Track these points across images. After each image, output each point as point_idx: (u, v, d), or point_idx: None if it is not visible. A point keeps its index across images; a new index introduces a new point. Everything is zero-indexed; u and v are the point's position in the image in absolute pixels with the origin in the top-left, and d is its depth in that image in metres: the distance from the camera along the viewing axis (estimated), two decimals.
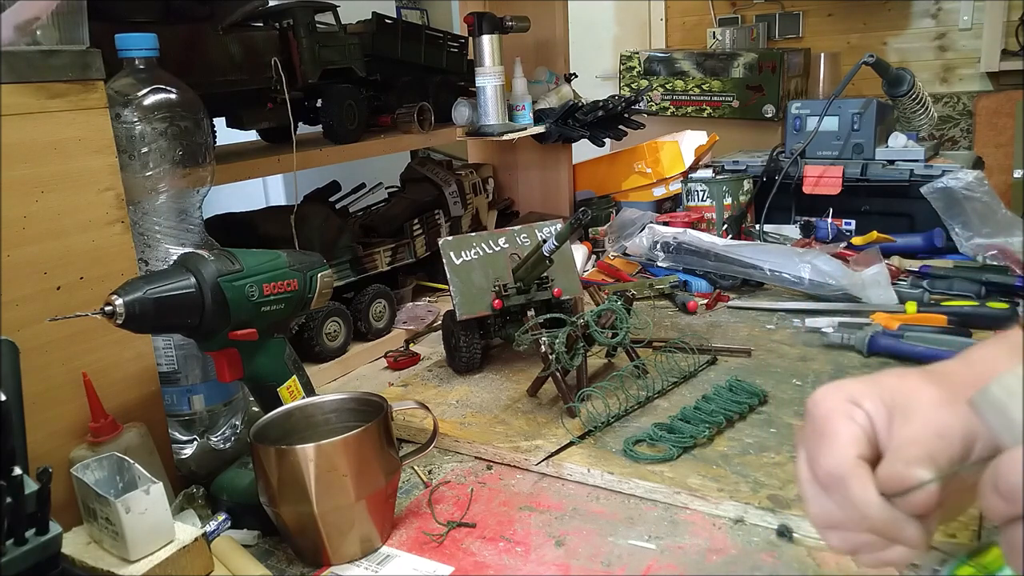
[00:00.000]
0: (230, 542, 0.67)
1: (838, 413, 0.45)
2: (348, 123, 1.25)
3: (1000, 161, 2.96)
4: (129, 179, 0.72)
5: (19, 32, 0.63)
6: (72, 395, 0.67)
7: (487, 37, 1.29)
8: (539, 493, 0.75)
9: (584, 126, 1.47)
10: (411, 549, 0.67)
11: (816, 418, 0.46)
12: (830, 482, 0.43)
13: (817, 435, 0.45)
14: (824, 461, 0.44)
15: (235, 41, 1.06)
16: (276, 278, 0.72)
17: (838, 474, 0.43)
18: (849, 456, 0.43)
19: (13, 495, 0.49)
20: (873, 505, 0.42)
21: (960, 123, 3.21)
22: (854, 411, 0.45)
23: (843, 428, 0.44)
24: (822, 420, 0.45)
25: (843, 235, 1.44)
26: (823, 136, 1.48)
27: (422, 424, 0.89)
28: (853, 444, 0.43)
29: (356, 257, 1.20)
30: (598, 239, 1.59)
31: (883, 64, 1.47)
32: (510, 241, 1.05)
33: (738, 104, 2.27)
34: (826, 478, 0.44)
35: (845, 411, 0.45)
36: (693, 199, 1.45)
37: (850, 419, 0.44)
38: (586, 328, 0.90)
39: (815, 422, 0.46)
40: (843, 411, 0.45)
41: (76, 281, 0.67)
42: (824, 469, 0.44)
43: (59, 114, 0.65)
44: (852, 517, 0.43)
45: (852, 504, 0.42)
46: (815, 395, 0.47)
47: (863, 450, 0.43)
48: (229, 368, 0.71)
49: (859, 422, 0.44)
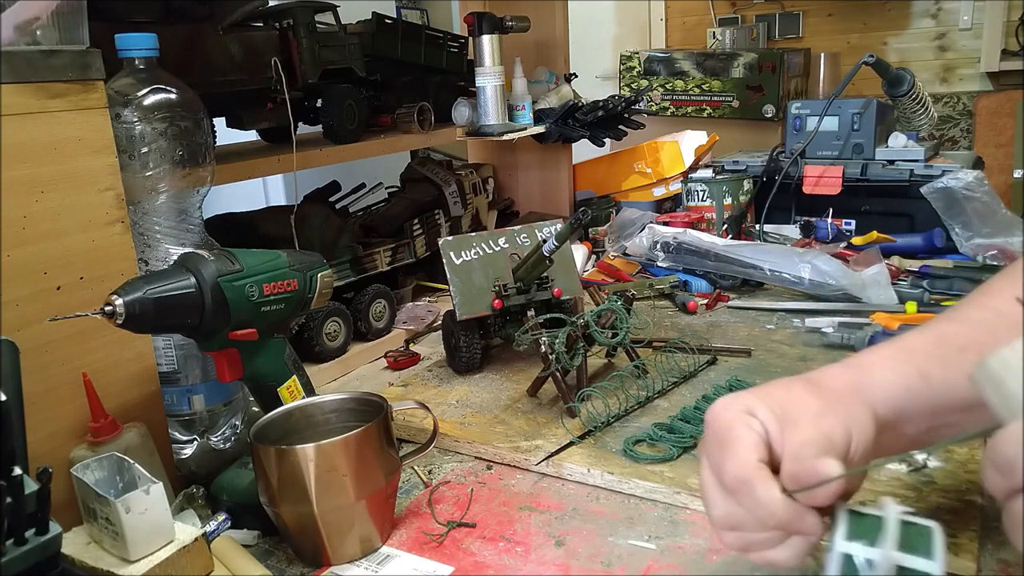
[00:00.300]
0: (230, 542, 0.67)
1: (737, 422, 0.49)
2: (348, 123, 1.25)
3: (1000, 161, 2.96)
4: (129, 179, 0.72)
5: (19, 32, 0.63)
6: (72, 395, 0.67)
7: (487, 37, 1.29)
8: (539, 493, 0.75)
9: (584, 126, 1.47)
10: (411, 549, 0.67)
11: (717, 429, 0.50)
12: (736, 485, 0.47)
13: (720, 444, 0.49)
14: (729, 466, 0.48)
15: (235, 41, 1.06)
16: (276, 278, 0.72)
17: (744, 477, 0.47)
18: (752, 460, 0.47)
19: (13, 495, 0.49)
20: (777, 502, 0.46)
21: (960, 123, 3.21)
22: (750, 420, 0.49)
23: (743, 435, 0.49)
24: (723, 430, 0.50)
25: (843, 235, 1.44)
26: (823, 136, 1.48)
27: (422, 424, 0.89)
28: (754, 449, 0.48)
29: (356, 257, 1.20)
30: (598, 239, 1.59)
31: (883, 64, 1.47)
32: (510, 241, 1.05)
33: (738, 104, 2.27)
34: (733, 482, 0.47)
35: (743, 420, 0.49)
36: (693, 199, 1.45)
37: (748, 427, 0.49)
38: (586, 328, 0.90)
39: (717, 432, 0.50)
40: (741, 420, 0.49)
41: (76, 281, 0.67)
42: (730, 474, 0.47)
43: (59, 114, 0.65)
44: (757, 516, 0.47)
45: (757, 504, 0.46)
46: (714, 408, 0.51)
47: (762, 454, 0.48)
48: (229, 368, 0.71)
49: (756, 429, 0.49)
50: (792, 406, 0.50)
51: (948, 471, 0.71)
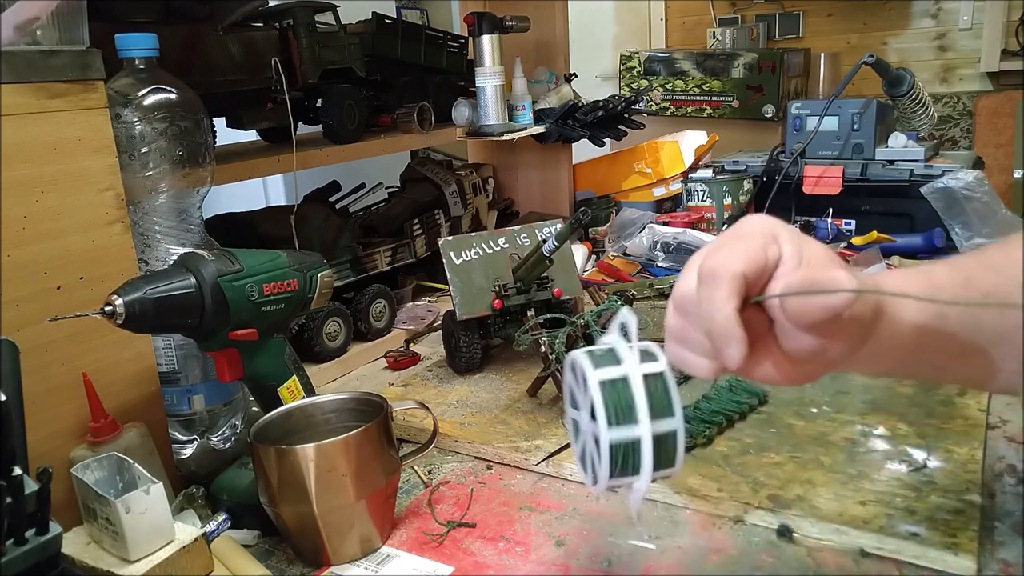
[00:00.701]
0: (230, 542, 0.67)
1: (760, 236, 0.48)
2: (348, 123, 1.25)
3: (1000, 161, 2.96)
4: (129, 179, 0.72)
5: (19, 32, 0.63)
6: (72, 395, 0.67)
7: (487, 37, 1.29)
8: (539, 493, 0.75)
9: (584, 126, 1.47)
10: (411, 549, 0.67)
11: (741, 226, 0.49)
12: (706, 277, 0.46)
13: (728, 238, 0.48)
14: (717, 258, 0.47)
15: (235, 41, 1.06)
16: (276, 278, 0.72)
17: (718, 274, 0.46)
18: (736, 267, 0.46)
19: (13, 495, 0.49)
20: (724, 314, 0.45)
21: (960, 123, 3.21)
22: (771, 245, 0.48)
23: (752, 246, 0.47)
24: (744, 232, 0.48)
25: (843, 235, 1.44)
26: (823, 136, 1.48)
27: (422, 424, 0.89)
28: (748, 261, 0.46)
29: (356, 257, 1.20)
30: (598, 239, 1.59)
31: (883, 64, 1.47)
32: (510, 241, 1.05)
33: (738, 104, 2.27)
34: (706, 272, 0.47)
35: (764, 240, 0.48)
36: (693, 199, 1.45)
37: (763, 248, 0.47)
38: (586, 328, 0.90)
39: (738, 230, 0.49)
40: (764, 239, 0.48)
41: (76, 281, 0.67)
42: (710, 264, 0.47)
43: (59, 114, 0.65)
44: (701, 315, 0.47)
45: (709, 303, 0.46)
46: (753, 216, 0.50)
47: (751, 270, 0.46)
48: (229, 368, 0.71)
49: (769, 256, 0.47)
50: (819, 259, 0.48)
51: (948, 471, 0.71)
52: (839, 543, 0.63)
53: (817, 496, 0.68)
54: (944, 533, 0.62)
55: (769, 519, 0.67)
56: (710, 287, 0.46)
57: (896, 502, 0.66)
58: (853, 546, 0.63)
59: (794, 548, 0.64)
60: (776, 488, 0.70)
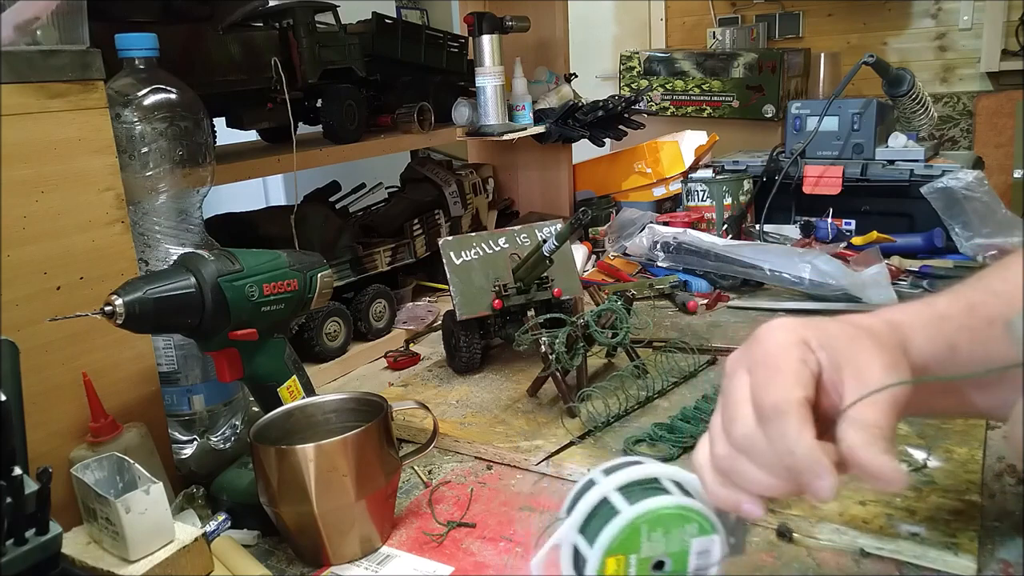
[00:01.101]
0: (230, 542, 0.67)
1: (793, 350, 0.46)
2: (348, 123, 1.25)
3: (1000, 161, 2.96)
4: (129, 179, 0.72)
5: (19, 32, 0.63)
6: (72, 395, 0.67)
7: (487, 37, 1.29)
8: (539, 493, 0.75)
9: (584, 126, 1.47)
10: (411, 549, 0.67)
11: (768, 349, 0.47)
12: (771, 415, 0.44)
13: (768, 366, 0.46)
14: (773, 392, 0.45)
15: (235, 41, 1.06)
16: (276, 278, 0.72)
17: (783, 409, 0.44)
18: (798, 395, 0.44)
19: (13, 495, 0.49)
20: (805, 446, 0.43)
21: (960, 123, 3.21)
22: (807, 354, 0.46)
23: (797, 367, 0.45)
24: (776, 352, 0.46)
25: (843, 235, 1.44)
26: (823, 136, 1.48)
27: (422, 424, 0.89)
28: (803, 385, 0.45)
29: (356, 257, 1.20)
30: (598, 239, 1.59)
31: (883, 64, 1.47)
32: (510, 241, 1.05)
33: (738, 104, 2.27)
34: (770, 409, 0.44)
35: (801, 351, 0.46)
36: (693, 199, 1.45)
37: (803, 361, 0.46)
38: (586, 328, 0.90)
39: (767, 353, 0.47)
40: (799, 350, 0.46)
41: (76, 281, 0.67)
42: (770, 400, 0.44)
43: (59, 114, 0.65)
44: (776, 450, 0.44)
45: (783, 440, 0.44)
46: (771, 325, 0.48)
47: (810, 393, 0.45)
48: (229, 368, 0.71)
49: (811, 366, 0.46)
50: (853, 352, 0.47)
51: (948, 471, 0.71)
52: (839, 543, 0.63)
53: None
54: (944, 533, 0.62)
55: (769, 519, 0.67)
56: (780, 423, 0.44)
57: (896, 502, 0.66)
58: (853, 546, 0.63)
59: (794, 548, 0.64)
60: None
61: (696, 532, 0.48)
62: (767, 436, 0.45)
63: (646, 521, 0.47)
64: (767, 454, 0.45)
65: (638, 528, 0.47)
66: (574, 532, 0.48)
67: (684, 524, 0.48)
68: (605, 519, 0.47)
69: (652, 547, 0.47)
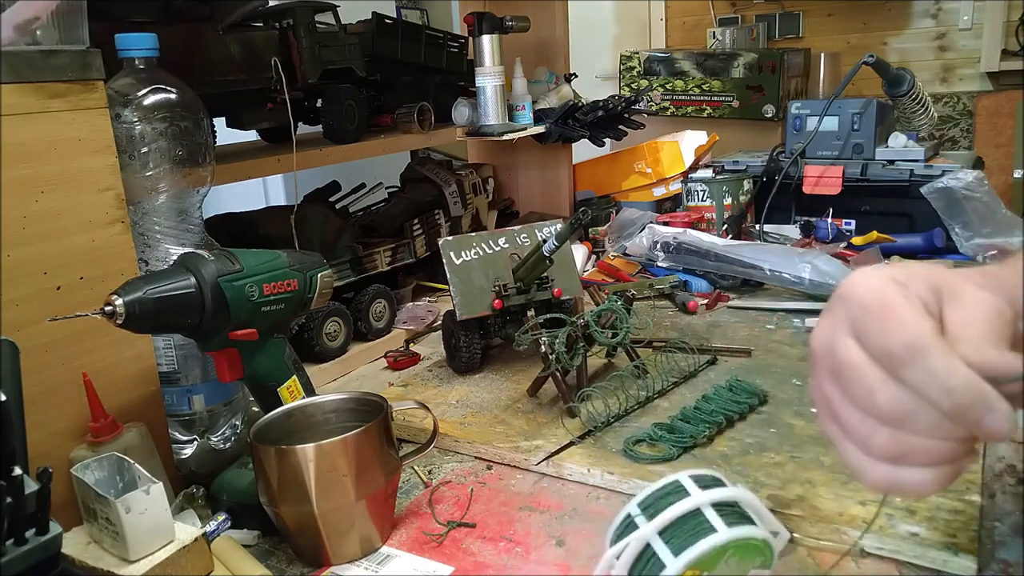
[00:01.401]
0: (230, 542, 0.67)
1: (890, 289, 0.41)
2: (348, 123, 1.25)
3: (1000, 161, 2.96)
4: (129, 179, 0.72)
5: (19, 32, 0.63)
6: (72, 395, 0.67)
7: (487, 37, 1.29)
8: (539, 493, 0.75)
9: (584, 126, 1.47)
10: (411, 549, 0.67)
11: (864, 298, 0.41)
12: (907, 355, 0.39)
13: (874, 313, 0.41)
14: (897, 332, 0.39)
15: (235, 41, 1.06)
16: (276, 278, 0.72)
17: (919, 345, 0.38)
18: (924, 324, 0.39)
19: (13, 495, 0.49)
20: (961, 376, 0.38)
21: (960, 123, 3.21)
22: (907, 291, 0.41)
23: (904, 302, 0.40)
24: (876, 300, 0.41)
25: (843, 235, 1.44)
26: (823, 136, 1.48)
27: (422, 424, 0.89)
28: (924, 317, 0.40)
29: (356, 257, 1.20)
30: (598, 239, 1.59)
31: (883, 64, 1.47)
32: (510, 241, 1.05)
33: (738, 104, 2.27)
34: (903, 350, 0.39)
35: (898, 289, 0.41)
36: (693, 199, 1.45)
37: (906, 297, 0.41)
38: (586, 328, 0.90)
39: (865, 302, 0.41)
40: (896, 289, 0.41)
41: (76, 281, 0.67)
42: (899, 340, 0.39)
43: (59, 114, 0.65)
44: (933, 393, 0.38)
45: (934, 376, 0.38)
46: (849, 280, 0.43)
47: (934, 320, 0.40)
48: (229, 368, 0.71)
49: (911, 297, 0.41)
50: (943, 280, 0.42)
51: None
52: (839, 543, 0.63)
53: (817, 496, 0.68)
54: (944, 533, 0.62)
55: None
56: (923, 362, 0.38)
57: (896, 502, 0.66)
58: (853, 546, 0.63)
59: (794, 548, 0.64)
60: (776, 488, 0.70)
61: (759, 565, 0.49)
62: (915, 386, 0.39)
63: (736, 546, 0.48)
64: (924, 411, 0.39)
65: (726, 550, 0.48)
66: (654, 532, 0.48)
67: (757, 556, 0.49)
68: (696, 531, 0.48)
69: (725, 569, 0.48)
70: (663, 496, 0.50)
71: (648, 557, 0.49)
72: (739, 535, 0.48)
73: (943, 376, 0.38)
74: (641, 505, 0.50)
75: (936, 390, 0.38)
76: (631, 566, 0.49)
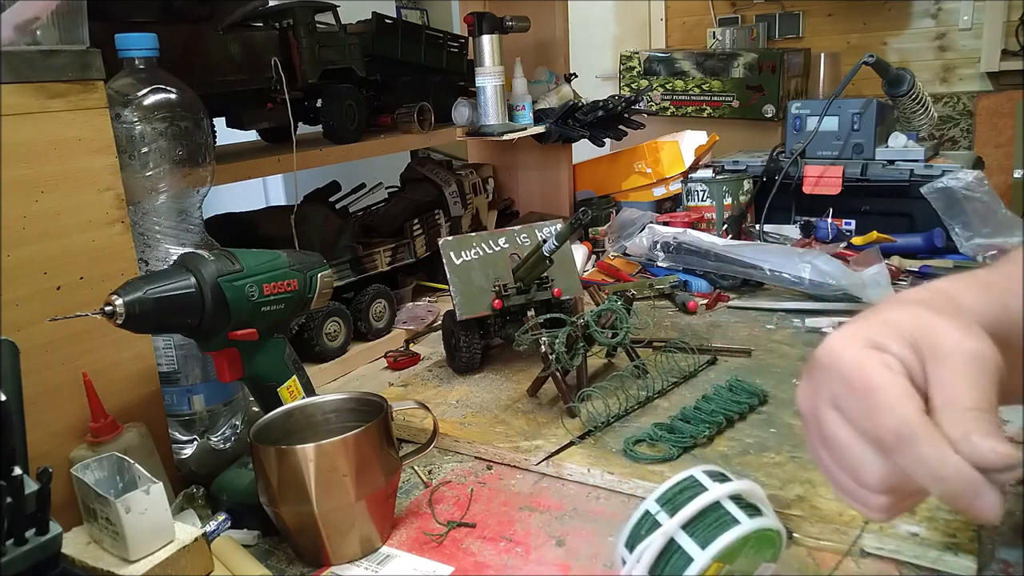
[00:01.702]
0: (230, 542, 0.67)
1: (870, 362, 0.40)
2: (348, 123, 1.25)
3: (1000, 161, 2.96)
4: (129, 179, 0.72)
5: (19, 32, 0.63)
6: (72, 395, 0.67)
7: (487, 37, 1.29)
8: (539, 493, 0.75)
9: (584, 126, 1.47)
10: (411, 549, 0.67)
11: (844, 372, 0.41)
12: (895, 443, 0.39)
13: (857, 391, 0.40)
14: (883, 418, 0.39)
15: (235, 41, 1.06)
16: (276, 278, 0.72)
17: (907, 433, 0.38)
18: (911, 409, 0.39)
19: (13, 495, 0.49)
20: (952, 465, 0.38)
21: (960, 123, 3.21)
22: (886, 359, 0.40)
23: (887, 379, 0.39)
24: (855, 374, 0.40)
25: (843, 235, 1.44)
26: (823, 136, 1.48)
27: (422, 424, 0.89)
28: (907, 395, 0.39)
29: (356, 257, 1.20)
30: (598, 239, 1.59)
31: (883, 64, 1.47)
32: (510, 241, 1.05)
33: (738, 104, 2.27)
34: (891, 437, 0.39)
35: (878, 360, 0.40)
36: (693, 199, 1.45)
37: (887, 368, 0.40)
38: (586, 328, 0.90)
39: (846, 376, 0.41)
40: (875, 360, 0.40)
41: (76, 281, 0.67)
42: (886, 427, 0.39)
43: (59, 114, 0.65)
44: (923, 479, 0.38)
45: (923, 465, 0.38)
46: (828, 346, 0.42)
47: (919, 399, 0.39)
48: (229, 368, 0.71)
49: (897, 370, 0.40)
50: (920, 329, 0.41)
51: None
52: (839, 543, 0.63)
53: (817, 496, 0.68)
54: (944, 533, 0.62)
55: None
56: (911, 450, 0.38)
57: None
58: (853, 546, 0.63)
59: (794, 548, 0.64)
60: (776, 488, 0.70)
61: (770, 557, 0.50)
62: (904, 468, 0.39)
63: (756, 537, 0.48)
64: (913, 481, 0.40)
65: (747, 541, 0.48)
66: (677, 526, 0.49)
67: (769, 549, 0.49)
68: (719, 523, 0.48)
69: (744, 561, 0.49)
70: (680, 491, 0.51)
71: (673, 552, 0.49)
72: (761, 525, 0.48)
73: (934, 466, 0.38)
74: (660, 501, 0.51)
75: (926, 477, 0.39)
76: (653, 564, 0.49)
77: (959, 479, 0.38)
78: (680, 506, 0.49)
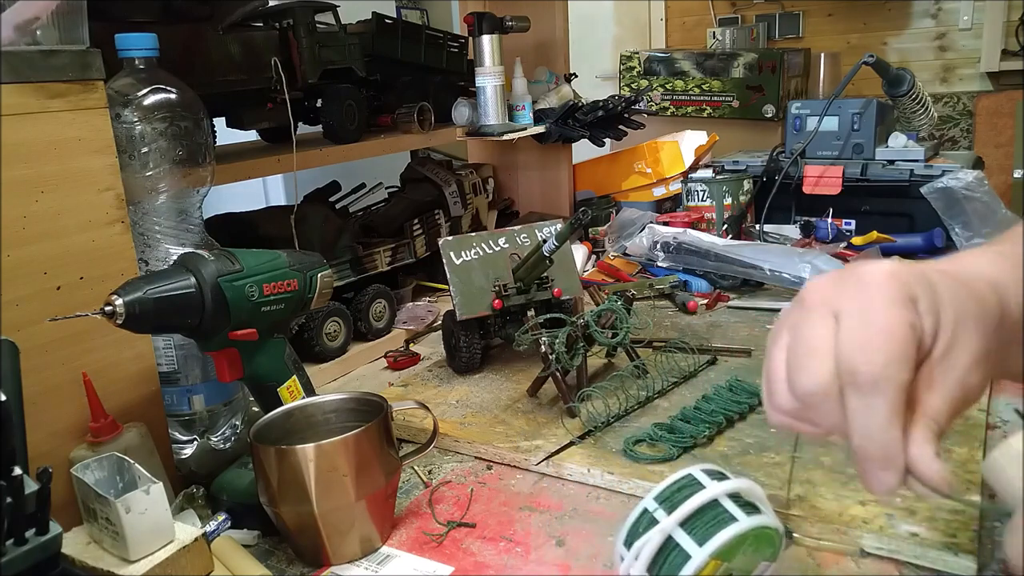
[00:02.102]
0: (230, 542, 0.67)
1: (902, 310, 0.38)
2: (348, 123, 1.25)
3: (1000, 161, 2.96)
4: (129, 179, 0.72)
5: (19, 32, 0.63)
6: (72, 395, 0.67)
7: (487, 37, 1.29)
8: (539, 493, 0.75)
9: (584, 126, 1.47)
10: (411, 549, 0.67)
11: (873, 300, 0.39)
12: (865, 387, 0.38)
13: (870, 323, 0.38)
14: (874, 359, 0.38)
15: (235, 41, 1.06)
16: (276, 278, 0.72)
17: (882, 387, 0.37)
18: (903, 376, 0.38)
19: (13, 495, 0.49)
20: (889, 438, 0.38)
21: (960, 123, 3.21)
22: (916, 318, 0.39)
23: (904, 333, 0.38)
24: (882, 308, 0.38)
25: (843, 235, 1.44)
26: (823, 136, 1.48)
27: (422, 424, 0.89)
28: (908, 364, 0.38)
29: (356, 257, 1.20)
30: (598, 239, 1.59)
31: (883, 64, 1.47)
32: (510, 241, 1.05)
33: (738, 104, 2.27)
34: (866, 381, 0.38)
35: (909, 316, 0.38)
36: (693, 199, 1.45)
37: (912, 326, 0.38)
38: (586, 328, 0.90)
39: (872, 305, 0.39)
40: (908, 313, 0.38)
41: (76, 281, 0.67)
42: (870, 369, 0.37)
43: (59, 114, 0.65)
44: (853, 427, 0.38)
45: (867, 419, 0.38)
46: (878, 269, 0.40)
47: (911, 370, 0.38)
48: (229, 368, 0.71)
49: (917, 333, 0.39)
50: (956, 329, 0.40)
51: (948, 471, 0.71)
52: (839, 543, 0.63)
53: (817, 496, 0.68)
54: (944, 533, 0.62)
55: None
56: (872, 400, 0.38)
57: (896, 502, 0.66)
58: (853, 546, 0.63)
59: (794, 548, 0.64)
60: (776, 488, 0.70)
61: (769, 556, 0.50)
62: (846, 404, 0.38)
63: (755, 535, 0.48)
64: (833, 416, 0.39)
65: (745, 540, 0.48)
66: (675, 524, 0.49)
67: (768, 547, 0.49)
68: (716, 521, 0.48)
69: (743, 559, 0.49)
70: (679, 489, 0.51)
71: (670, 550, 0.49)
72: (758, 523, 0.48)
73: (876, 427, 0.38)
74: (658, 499, 0.51)
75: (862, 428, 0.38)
76: (651, 561, 0.49)
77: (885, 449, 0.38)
78: (678, 504, 0.49)
